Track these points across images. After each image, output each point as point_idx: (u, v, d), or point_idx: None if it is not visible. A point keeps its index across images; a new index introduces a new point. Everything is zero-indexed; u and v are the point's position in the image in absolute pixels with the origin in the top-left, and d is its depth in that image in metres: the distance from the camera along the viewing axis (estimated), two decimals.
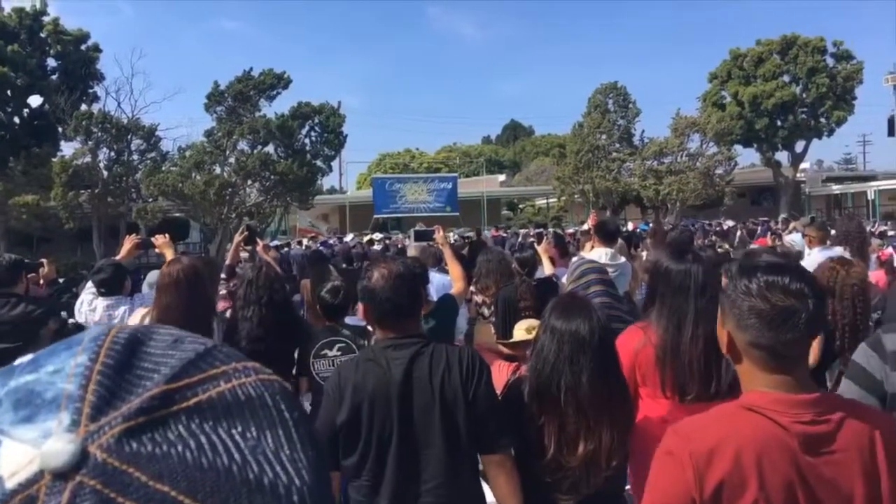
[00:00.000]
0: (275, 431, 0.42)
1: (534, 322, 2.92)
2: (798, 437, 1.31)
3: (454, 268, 4.03)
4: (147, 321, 3.36)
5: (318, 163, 26.90)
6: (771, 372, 1.36)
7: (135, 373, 0.41)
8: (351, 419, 2.18)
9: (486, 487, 2.35)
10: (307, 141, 26.68)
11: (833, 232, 6.43)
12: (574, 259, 4.70)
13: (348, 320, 3.69)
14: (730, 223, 20.35)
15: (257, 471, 0.39)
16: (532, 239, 11.24)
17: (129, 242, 4.56)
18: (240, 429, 0.41)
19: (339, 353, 3.46)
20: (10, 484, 0.36)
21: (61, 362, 0.42)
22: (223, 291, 4.01)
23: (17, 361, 0.44)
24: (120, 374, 0.41)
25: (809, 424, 1.32)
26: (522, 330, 3.26)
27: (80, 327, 3.95)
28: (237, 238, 4.75)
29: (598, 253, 4.93)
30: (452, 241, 10.71)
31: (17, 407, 0.39)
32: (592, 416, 2.06)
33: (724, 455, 1.30)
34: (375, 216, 33.89)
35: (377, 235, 20.67)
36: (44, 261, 6.23)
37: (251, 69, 25.12)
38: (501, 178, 48.74)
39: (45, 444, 0.37)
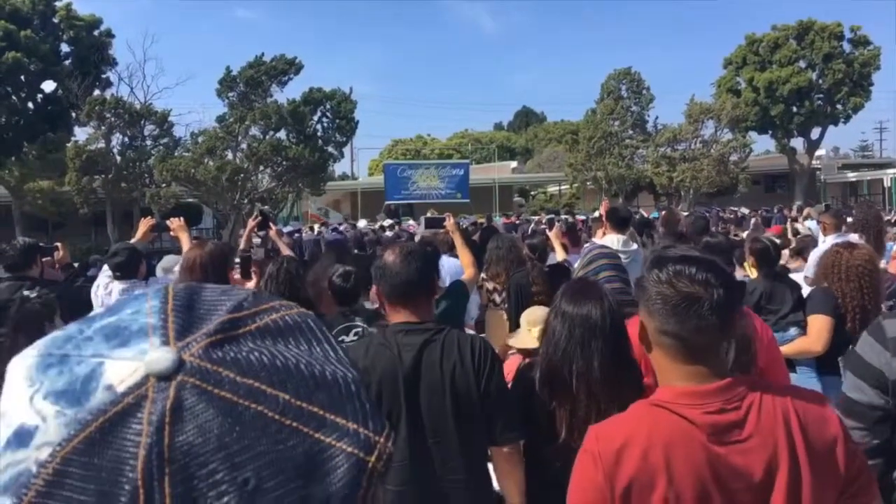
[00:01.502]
0: (321, 345, 0.52)
1: (540, 313, 2.88)
2: (706, 428, 1.29)
3: (464, 254, 4.02)
4: None
5: (330, 149, 26.88)
6: (681, 362, 1.36)
7: (199, 311, 0.50)
8: None
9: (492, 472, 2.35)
10: (319, 127, 26.66)
11: (850, 220, 6.37)
12: (586, 245, 4.68)
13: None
14: (745, 210, 20.10)
15: (319, 368, 0.50)
16: (543, 226, 11.19)
17: (144, 225, 4.59)
18: (293, 343, 0.51)
19: (355, 338, 3.39)
20: (120, 388, 0.45)
21: (137, 306, 0.51)
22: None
23: (91, 315, 0.52)
24: (189, 311, 0.50)
25: (717, 413, 1.30)
26: (532, 337, 3.21)
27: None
28: (251, 223, 4.77)
29: (611, 239, 4.91)
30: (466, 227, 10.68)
31: (108, 339, 0.48)
32: (604, 401, 2.05)
33: (630, 455, 1.31)
34: (387, 202, 33.86)
35: (387, 221, 20.66)
36: (58, 245, 6.26)
37: (263, 55, 25.10)
38: (513, 164, 48.49)
39: (147, 356, 0.46)
